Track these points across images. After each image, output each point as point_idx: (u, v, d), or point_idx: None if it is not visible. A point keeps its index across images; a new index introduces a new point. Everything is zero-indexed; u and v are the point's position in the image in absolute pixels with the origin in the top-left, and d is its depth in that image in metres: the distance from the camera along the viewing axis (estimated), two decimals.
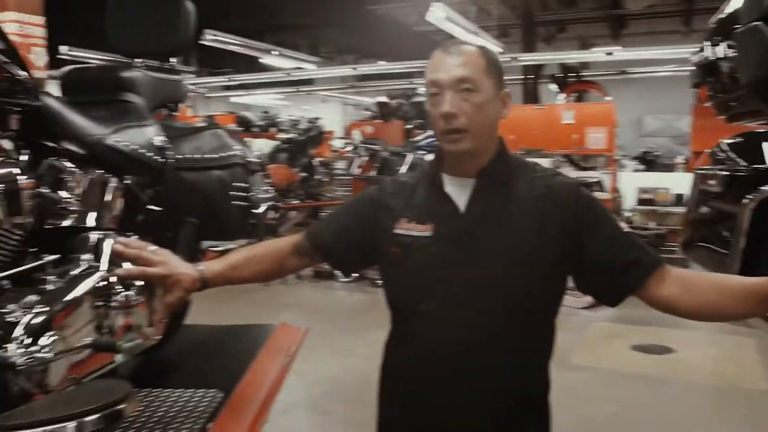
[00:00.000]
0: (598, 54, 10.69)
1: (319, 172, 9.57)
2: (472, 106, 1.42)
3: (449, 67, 1.43)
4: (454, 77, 1.41)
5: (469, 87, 1.41)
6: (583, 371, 4.59)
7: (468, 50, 1.45)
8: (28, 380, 1.27)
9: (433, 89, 1.44)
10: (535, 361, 1.53)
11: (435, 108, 1.45)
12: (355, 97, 19.15)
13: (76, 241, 1.64)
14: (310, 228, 1.69)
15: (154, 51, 2.31)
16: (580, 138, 7.86)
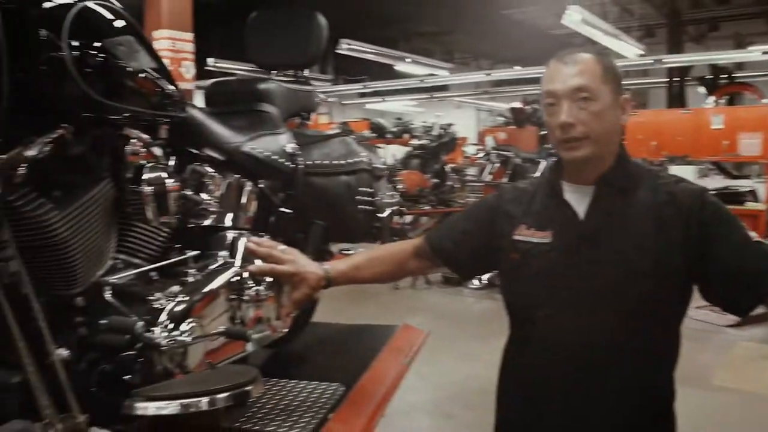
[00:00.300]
0: (754, 53, 9.94)
1: (450, 178, 9.61)
2: (589, 115, 1.41)
3: (565, 76, 1.43)
4: (570, 87, 1.41)
5: (586, 96, 1.41)
6: (726, 393, 4.29)
7: (583, 58, 1.45)
8: (169, 360, 1.43)
9: (550, 99, 1.45)
10: (657, 369, 1.49)
11: (552, 118, 1.45)
12: (489, 103, 19.04)
13: (215, 239, 1.81)
14: (430, 232, 1.74)
15: (288, 63, 2.47)
16: (732, 144, 7.36)
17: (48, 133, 1.30)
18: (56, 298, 1.37)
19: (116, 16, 1.39)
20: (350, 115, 16.73)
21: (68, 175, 1.36)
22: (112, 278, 1.45)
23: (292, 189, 2.08)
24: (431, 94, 16.85)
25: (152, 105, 1.51)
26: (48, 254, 1.33)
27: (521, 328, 1.56)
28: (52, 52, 1.22)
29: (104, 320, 1.38)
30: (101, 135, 1.42)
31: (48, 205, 1.30)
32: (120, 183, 1.47)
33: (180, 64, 4.61)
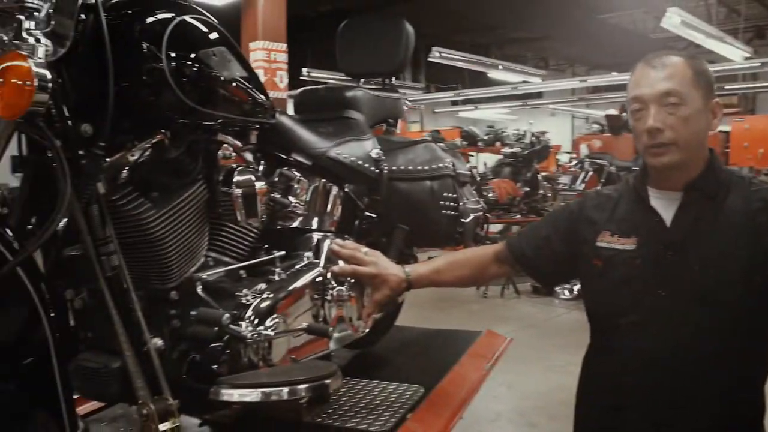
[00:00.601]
0: None
1: (543, 186, 9.46)
2: (678, 120, 1.38)
3: (653, 80, 1.40)
4: (658, 91, 1.39)
5: (675, 100, 1.38)
6: None
7: (673, 62, 1.42)
8: (254, 353, 1.51)
9: (637, 104, 1.43)
10: (746, 380, 1.45)
11: (639, 123, 1.43)
12: (585, 111, 18.59)
13: (300, 241, 1.88)
14: (511, 237, 1.74)
15: (376, 71, 2.53)
16: None
17: (148, 138, 1.41)
18: (152, 291, 1.47)
19: (210, 28, 1.48)
20: (442, 123, 16.75)
21: (165, 177, 1.46)
22: (203, 274, 1.54)
23: (376, 194, 2.13)
24: (524, 102, 16.61)
25: (243, 112, 1.60)
26: (145, 250, 1.43)
27: (603, 336, 1.55)
28: (152, 64, 1.32)
29: (194, 312, 1.47)
30: (196, 140, 1.52)
31: (147, 205, 1.41)
32: (212, 185, 1.56)
33: (274, 73, 4.80)
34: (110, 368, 1.34)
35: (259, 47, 4.87)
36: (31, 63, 1.00)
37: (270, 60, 4.90)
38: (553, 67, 17.13)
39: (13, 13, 1.07)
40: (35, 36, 1.05)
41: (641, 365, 1.44)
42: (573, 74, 17.28)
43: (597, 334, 1.58)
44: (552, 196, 9.62)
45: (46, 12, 1.11)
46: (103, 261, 1.29)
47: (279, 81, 5.00)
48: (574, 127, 20.30)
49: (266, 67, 4.82)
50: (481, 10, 10.07)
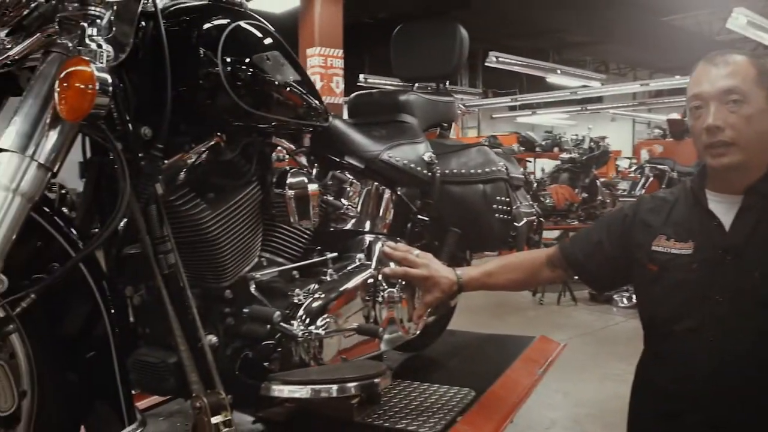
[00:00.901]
0: None
1: (601, 192, 9.28)
2: (740, 119, 1.35)
3: (714, 78, 1.37)
4: (720, 89, 1.36)
5: (737, 98, 1.35)
6: None
7: (736, 59, 1.39)
8: (305, 352, 1.53)
9: (696, 102, 1.40)
10: None
11: (698, 121, 1.40)
12: (646, 115, 18.15)
13: (353, 242, 1.90)
14: (564, 242, 1.73)
15: (430, 75, 2.54)
16: None
17: (204, 141, 1.45)
18: (207, 289, 1.51)
19: (265, 33, 1.52)
20: (499, 128, 16.63)
21: (221, 178, 1.50)
22: (257, 274, 1.58)
23: (429, 197, 2.13)
24: (584, 107, 16.34)
25: (297, 115, 1.62)
26: (201, 250, 1.47)
27: (658, 343, 1.52)
28: (208, 68, 1.36)
29: (247, 310, 1.51)
30: (250, 143, 1.55)
31: (202, 205, 1.45)
32: (266, 187, 1.59)
33: (331, 79, 4.87)
34: (167, 363, 1.39)
35: (316, 53, 4.94)
36: (93, 68, 1.05)
37: (327, 66, 4.97)
38: (614, 71, 16.79)
39: (78, 21, 1.12)
40: (97, 42, 1.10)
41: (698, 372, 1.41)
42: (635, 78, 16.90)
43: (651, 340, 1.56)
44: (611, 202, 9.43)
45: (108, 19, 1.15)
46: (160, 259, 1.34)
47: (335, 86, 5.06)
48: (635, 132, 19.86)
49: (323, 73, 4.89)
50: (540, 15, 9.97)
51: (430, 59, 2.51)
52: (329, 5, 4.91)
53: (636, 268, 1.53)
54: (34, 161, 1.09)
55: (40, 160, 1.10)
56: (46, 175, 1.11)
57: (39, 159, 1.10)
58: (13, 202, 1.07)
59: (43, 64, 1.15)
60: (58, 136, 1.12)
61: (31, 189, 1.09)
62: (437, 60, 2.49)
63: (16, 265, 1.11)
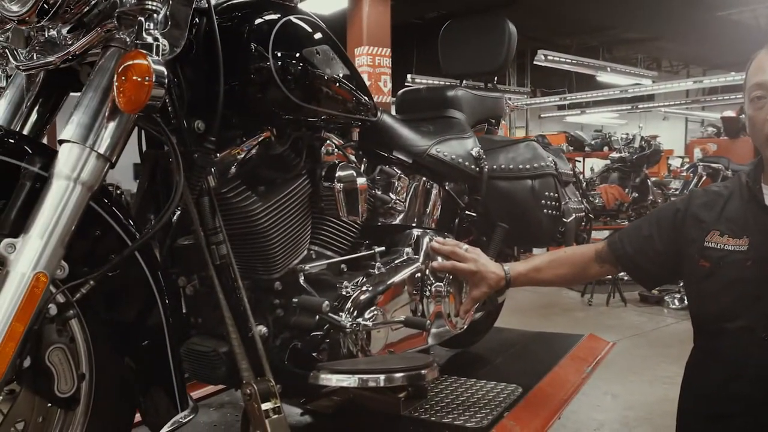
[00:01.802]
0: None
1: (653, 192, 9.08)
2: None
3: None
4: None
5: None
6: None
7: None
8: (353, 343, 1.55)
9: (759, 92, 1.36)
10: None
11: (759, 112, 1.36)
12: (700, 113, 17.70)
13: (400, 237, 1.91)
14: (613, 236, 1.69)
15: (478, 71, 2.53)
16: None
17: (256, 134, 1.48)
18: (258, 281, 1.54)
19: (314, 28, 1.53)
20: (548, 128, 16.45)
21: (271, 171, 1.53)
22: (306, 266, 1.60)
23: (477, 192, 2.13)
24: (635, 105, 16.01)
25: (346, 109, 1.64)
26: (252, 241, 1.50)
27: (709, 341, 1.48)
28: (259, 63, 1.38)
29: (295, 299, 1.53)
30: (300, 136, 1.57)
31: (253, 198, 1.47)
32: (315, 180, 1.61)
33: (379, 78, 4.88)
34: (218, 352, 1.42)
35: (364, 52, 4.97)
36: (150, 60, 1.08)
37: (375, 65, 4.99)
38: (666, 69, 16.42)
39: (135, 16, 1.15)
40: (154, 36, 1.13)
41: (749, 372, 1.38)
42: (688, 75, 16.50)
43: (702, 338, 1.52)
44: (662, 202, 9.22)
45: (164, 14, 1.18)
46: (212, 250, 1.36)
47: (383, 85, 5.08)
48: (688, 131, 19.37)
49: (371, 72, 4.91)
50: (590, 11, 9.83)
51: (478, 56, 2.49)
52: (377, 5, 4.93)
53: (687, 264, 1.50)
54: (94, 152, 1.13)
55: (99, 151, 1.13)
56: (105, 165, 1.15)
57: (99, 149, 1.13)
58: (74, 190, 1.11)
59: (103, 58, 1.19)
60: (117, 127, 1.15)
61: (91, 178, 1.12)
62: (485, 56, 2.48)
63: (77, 252, 1.15)
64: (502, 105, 2.52)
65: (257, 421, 1.20)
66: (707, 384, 1.47)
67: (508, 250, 2.44)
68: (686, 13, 10.31)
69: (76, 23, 1.25)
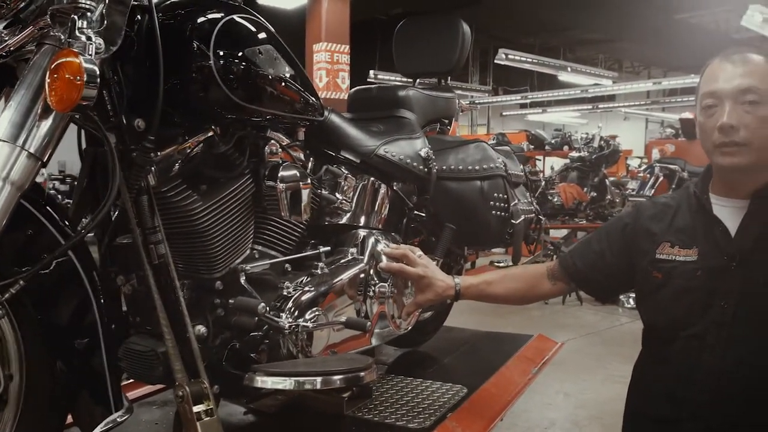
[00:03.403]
0: None
1: (611, 192, 9.23)
2: (755, 120, 1.32)
3: (731, 76, 1.34)
4: (737, 87, 1.33)
5: (754, 99, 1.32)
6: None
7: (754, 59, 1.35)
8: (293, 344, 1.55)
9: (710, 100, 1.37)
10: None
11: (710, 120, 1.36)
12: (660, 114, 18.03)
13: (346, 237, 1.92)
14: (563, 255, 1.71)
15: (432, 71, 2.54)
16: None
17: (198, 133, 1.47)
18: (199, 280, 1.53)
19: (258, 28, 1.53)
20: (510, 126, 16.59)
21: (214, 170, 1.52)
22: (248, 266, 1.59)
23: (425, 192, 2.14)
24: (595, 105, 16.25)
25: (291, 109, 1.63)
26: (193, 241, 1.49)
27: (661, 347, 1.49)
28: (201, 61, 1.37)
29: (232, 300, 1.52)
30: (244, 136, 1.57)
31: (195, 197, 1.46)
32: (258, 180, 1.61)
33: (337, 74, 4.87)
34: (156, 352, 1.41)
35: (322, 49, 4.94)
36: (82, 59, 1.06)
37: (333, 61, 4.97)
38: (628, 69, 16.68)
39: (69, 13, 1.14)
40: (87, 34, 1.12)
41: (700, 378, 1.39)
42: (649, 76, 16.78)
43: (654, 344, 1.54)
44: (620, 202, 9.38)
45: (100, 12, 1.17)
46: (150, 249, 1.36)
47: (341, 82, 5.06)
48: (648, 131, 19.73)
49: (329, 68, 4.89)
50: (552, 12, 9.93)
51: (432, 55, 2.51)
52: (336, 1, 4.91)
53: (640, 275, 1.51)
54: (25, 150, 1.11)
55: (30, 150, 1.12)
56: (36, 164, 1.14)
57: (29, 148, 1.12)
58: (3, 190, 1.09)
59: (36, 55, 1.17)
60: (49, 126, 1.14)
61: (21, 178, 1.11)
62: (439, 56, 2.49)
63: (7, 252, 1.14)
64: (454, 105, 2.54)
65: (189, 423, 1.20)
66: (656, 388, 1.49)
67: (458, 250, 2.47)
68: (646, 15, 10.47)
69: (12, 18, 1.23)
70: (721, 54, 1.40)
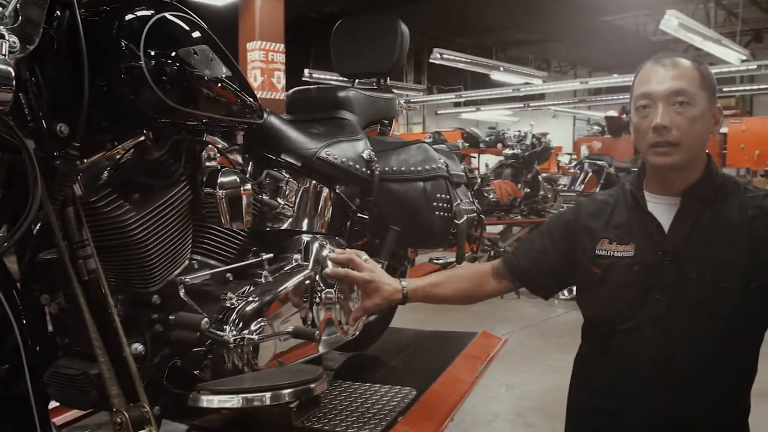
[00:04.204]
0: None
1: (543, 188, 9.42)
2: (685, 120, 1.38)
3: (663, 78, 1.40)
4: (668, 89, 1.39)
5: (684, 100, 1.38)
6: None
7: (682, 63, 1.42)
8: (239, 358, 1.47)
9: (644, 101, 1.42)
10: (737, 386, 1.46)
11: (644, 120, 1.42)
12: (586, 112, 18.55)
13: (289, 243, 1.85)
14: (507, 253, 1.73)
15: (371, 72, 2.50)
16: None
17: (128, 138, 1.37)
18: (135, 295, 1.43)
19: (192, 26, 1.44)
20: (444, 124, 16.74)
21: (147, 178, 1.42)
22: (187, 278, 1.51)
23: (368, 195, 2.09)
24: (526, 104, 16.59)
25: (228, 112, 1.55)
26: (127, 253, 1.39)
27: (601, 342, 1.53)
28: (130, 62, 1.28)
29: (173, 316, 1.44)
30: (179, 140, 1.48)
31: (127, 207, 1.37)
32: (196, 186, 1.52)
33: (272, 74, 4.75)
34: (88, 375, 1.31)
35: (256, 47, 4.82)
36: None
37: (268, 60, 4.85)
38: (556, 69, 17.09)
39: None
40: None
41: (638, 370, 1.44)
42: (575, 76, 17.25)
43: (594, 338, 1.57)
44: (552, 197, 9.60)
45: (14, 7, 1.07)
46: (78, 265, 1.25)
47: (276, 81, 4.95)
48: (576, 128, 20.28)
49: (264, 68, 4.77)
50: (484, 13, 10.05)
51: (371, 56, 2.46)
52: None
53: (580, 271, 1.55)
54: None
55: None
56: None
57: None
58: None
59: None
60: None
61: None
62: (378, 57, 2.45)
63: None
64: (394, 106, 2.50)
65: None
66: (597, 381, 1.53)
67: (401, 251, 2.43)
68: (574, 16, 10.73)
69: None
70: (652, 58, 1.46)
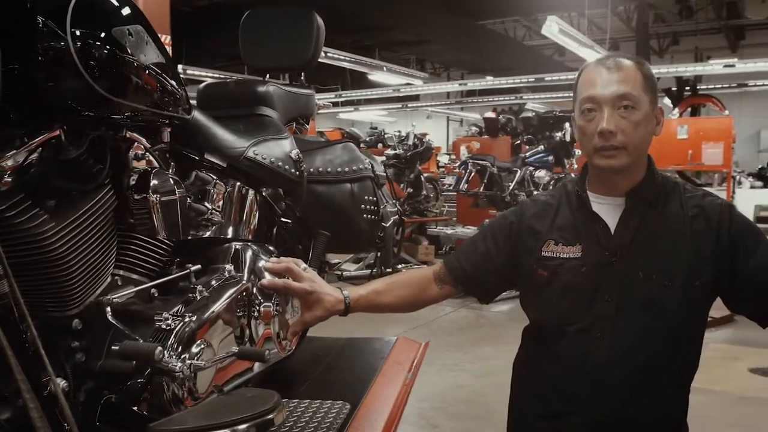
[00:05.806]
0: (716, 66, 10.25)
1: (426, 187, 9.55)
2: (630, 124, 1.38)
3: (608, 82, 1.39)
4: (614, 94, 1.38)
5: (629, 104, 1.38)
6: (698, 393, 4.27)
7: (626, 65, 1.41)
8: (180, 387, 1.28)
9: (589, 105, 1.41)
10: (681, 383, 1.50)
11: (590, 124, 1.41)
12: (460, 113, 19.09)
13: (217, 252, 1.67)
14: (448, 257, 1.66)
15: (285, 67, 2.35)
16: (695, 153, 7.68)
17: (40, 134, 1.14)
18: (50, 320, 1.20)
19: (123, 3, 1.24)
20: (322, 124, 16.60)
21: (64, 182, 1.20)
22: (112, 297, 1.30)
23: (295, 197, 1.95)
24: (404, 104, 16.81)
25: (161, 104, 1.36)
26: (42, 271, 1.17)
27: (548, 344, 1.51)
28: (51, 42, 1.07)
29: (116, 346, 1.22)
30: (99, 137, 1.26)
31: (42, 216, 1.14)
32: (122, 191, 1.32)
33: None
34: None
35: None
36: None
37: None
38: (430, 71, 17.44)
39: None
40: None
41: (588, 371, 1.43)
42: (448, 78, 17.69)
43: (540, 340, 1.55)
44: (435, 197, 9.77)
45: None
46: None
47: None
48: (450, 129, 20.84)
49: None
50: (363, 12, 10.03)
51: (285, 49, 2.31)
52: None
53: (525, 274, 1.53)
54: None
55: None
56: None
57: None
58: None
59: None
60: None
61: None
62: (292, 50, 2.30)
63: None
64: (313, 103, 2.37)
65: None
66: (544, 385, 1.51)
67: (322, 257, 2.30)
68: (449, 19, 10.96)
69: None
70: (596, 60, 1.47)
